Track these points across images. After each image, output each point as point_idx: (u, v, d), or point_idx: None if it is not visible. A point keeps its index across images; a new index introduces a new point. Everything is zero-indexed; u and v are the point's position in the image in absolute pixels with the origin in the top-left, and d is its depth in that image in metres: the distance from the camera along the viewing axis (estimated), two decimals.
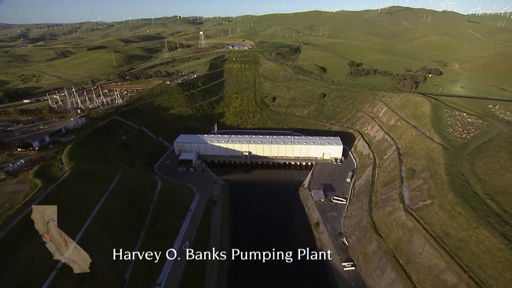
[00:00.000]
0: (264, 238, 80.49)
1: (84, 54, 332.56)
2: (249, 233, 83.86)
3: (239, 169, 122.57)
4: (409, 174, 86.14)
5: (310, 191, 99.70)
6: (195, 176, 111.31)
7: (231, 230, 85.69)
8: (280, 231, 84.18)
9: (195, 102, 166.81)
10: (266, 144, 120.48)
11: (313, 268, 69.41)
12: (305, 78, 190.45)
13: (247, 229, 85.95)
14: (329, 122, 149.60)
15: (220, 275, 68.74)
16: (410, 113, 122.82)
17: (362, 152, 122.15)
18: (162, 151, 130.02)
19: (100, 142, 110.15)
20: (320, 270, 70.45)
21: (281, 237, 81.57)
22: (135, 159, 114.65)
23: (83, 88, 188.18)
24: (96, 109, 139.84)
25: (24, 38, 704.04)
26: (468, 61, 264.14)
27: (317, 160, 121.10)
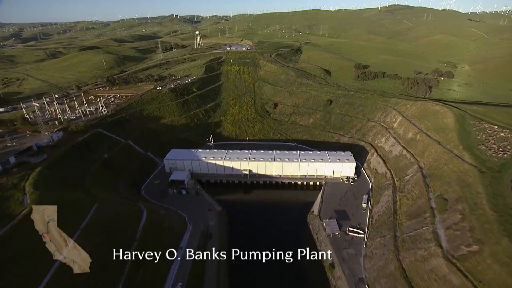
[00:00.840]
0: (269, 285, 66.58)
1: (74, 55, 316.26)
2: (250, 277, 69.70)
3: (238, 190, 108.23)
4: (441, 204, 72.16)
5: (321, 220, 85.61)
6: (187, 201, 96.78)
7: (230, 272, 71.48)
8: (287, 275, 69.86)
9: (189, 110, 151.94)
10: (268, 161, 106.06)
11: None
12: (308, 82, 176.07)
13: (248, 272, 71.55)
14: (338, 132, 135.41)
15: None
16: (431, 125, 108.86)
17: (377, 170, 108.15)
18: (151, 168, 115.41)
19: (78, 162, 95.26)
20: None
21: (289, 284, 67.59)
22: (119, 181, 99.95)
23: (67, 94, 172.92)
24: (77, 120, 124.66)
25: (16, 38, 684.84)
26: (478, 62, 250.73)
27: (326, 179, 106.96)
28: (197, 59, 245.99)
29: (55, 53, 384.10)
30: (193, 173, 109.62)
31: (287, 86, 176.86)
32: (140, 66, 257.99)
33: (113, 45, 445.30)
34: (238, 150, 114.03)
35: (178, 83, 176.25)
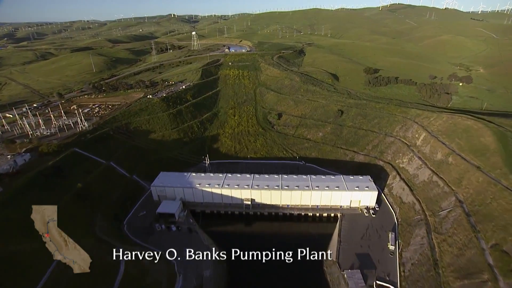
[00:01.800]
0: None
1: (63, 57, 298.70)
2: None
3: (238, 223, 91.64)
4: (501, 261, 55.89)
5: (341, 270, 69.34)
6: (178, 240, 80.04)
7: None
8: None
9: (182, 122, 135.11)
10: (274, 189, 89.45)
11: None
12: (315, 88, 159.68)
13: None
14: (351, 149, 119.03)
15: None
16: (465, 145, 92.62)
17: (401, 198, 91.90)
18: (137, 195, 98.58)
19: (44, 194, 78.39)
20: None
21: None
22: (96, 215, 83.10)
23: (48, 102, 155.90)
24: (51, 137, 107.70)
25: (9, 38, 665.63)
26: (494, 65, 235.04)
27: (342, 209, 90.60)
28: (193, 62, 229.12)
29: (45, 55, 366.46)
30: (186, 202, 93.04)
31: (291, 93, 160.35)
32: (132, 69, 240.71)
33: (107, 46, 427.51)
34: (238, 174, 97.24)
35: (171, 90, 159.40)
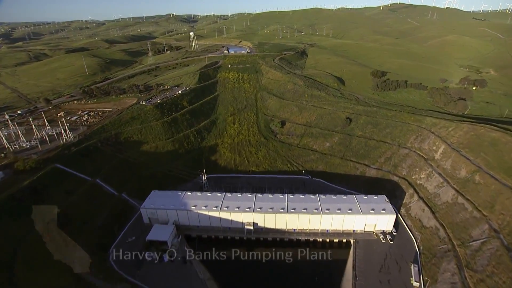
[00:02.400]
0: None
1: (56, 59, 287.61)
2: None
3: (238, 249, 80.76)
4: None
5: None
6: (171, 275, 69.98)
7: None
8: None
9: (177, 132, 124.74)
10: (279, 213, 79.28)
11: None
12: (320, 94, 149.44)
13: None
14: (362, 162, 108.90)
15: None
16: (493, 160, 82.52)
17: (422, 222, 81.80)
18: (126, 216, 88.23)
19: (14, 224, 68.28)
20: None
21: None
22: (77, 244, 72.87)
23: (34, 108, 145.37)
24: (30, 150, 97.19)
25: (4, 38, 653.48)
26: (506, 66, 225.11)
27: (355, 234, 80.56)
28: (190, 64, 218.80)
29: (39, 56, 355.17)
30: (180, 226, 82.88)
31: (295, 99, 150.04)
32: (126, 72, 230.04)
33: (103, 46, 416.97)
34: (238, 194, 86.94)
35: (166, 95, 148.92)
